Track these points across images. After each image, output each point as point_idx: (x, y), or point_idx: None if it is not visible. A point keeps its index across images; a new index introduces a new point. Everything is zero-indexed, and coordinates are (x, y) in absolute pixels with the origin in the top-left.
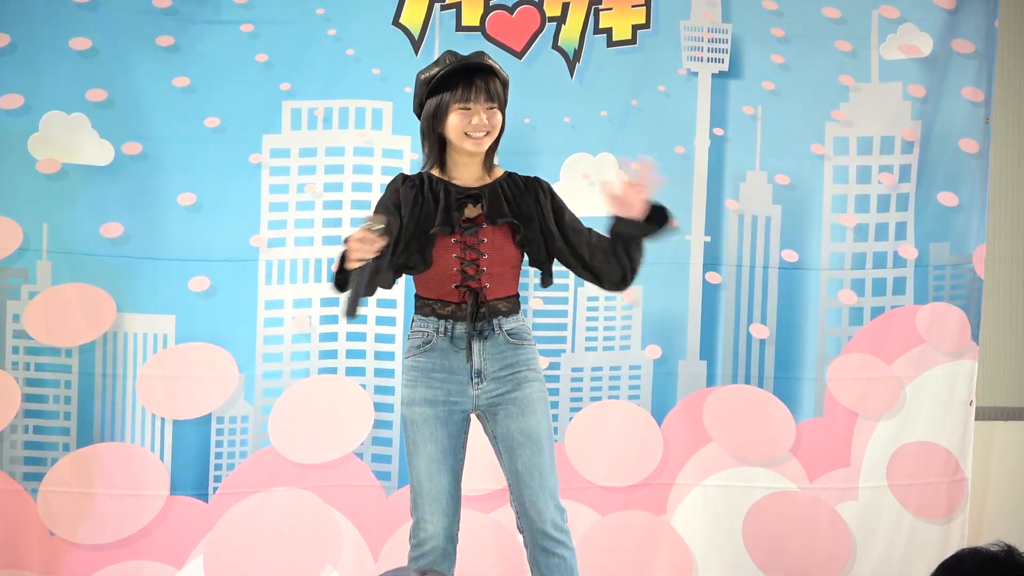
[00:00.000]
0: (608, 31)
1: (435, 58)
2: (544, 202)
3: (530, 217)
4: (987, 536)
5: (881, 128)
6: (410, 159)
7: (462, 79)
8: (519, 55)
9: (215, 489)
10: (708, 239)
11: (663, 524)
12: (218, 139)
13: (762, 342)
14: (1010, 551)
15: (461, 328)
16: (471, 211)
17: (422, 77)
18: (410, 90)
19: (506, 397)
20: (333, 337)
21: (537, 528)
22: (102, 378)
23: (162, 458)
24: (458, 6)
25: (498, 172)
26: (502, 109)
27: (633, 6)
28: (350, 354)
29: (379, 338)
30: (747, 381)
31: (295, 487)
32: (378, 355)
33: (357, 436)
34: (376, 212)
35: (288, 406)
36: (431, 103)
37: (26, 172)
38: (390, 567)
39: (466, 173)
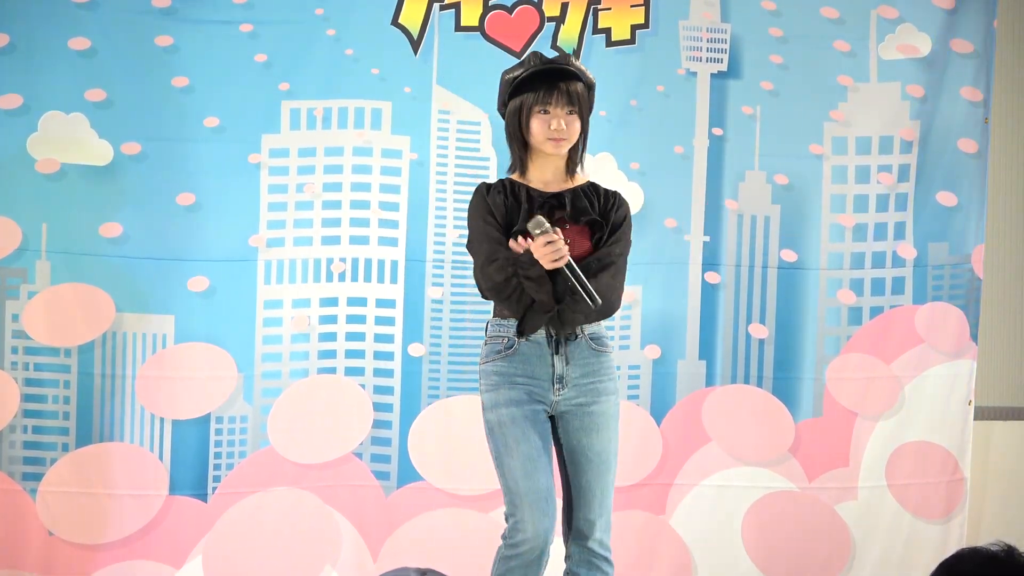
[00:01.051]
0: (607, 31)
1: (434, 58)
2: (611, 214)
3: (604, 221)
4: (986, 536)
5: (880, 128)
6: (409, 159)
7: (544, 82)
8: (518, 55)
9: (214, 489)
10: (707, 239)
11: (662, 524)
12: (217, 139)
13: (761, 342)
14: (1010, 551)
15: (543, 331)
16: (553, 214)
17: (506, 77)
18: (409, 90)
19: (584, 409)
20: (332, 337)
21: (586, 544)
22: (101, 378)
23: (161, 458)
24: (457, 6)
25: (580, 179)
26: (583, 114)
27: (632, 6)
28: (349, 354)
29: (378, 338)
30: (746, 381)
31: (294, 487)
32: (377, 355)
33: (356, 436)
34: (473, 225)
35: (287, 406)
36: (514, 103)
37: (25, 172)
38: (389, 567)
39: (548, 176)
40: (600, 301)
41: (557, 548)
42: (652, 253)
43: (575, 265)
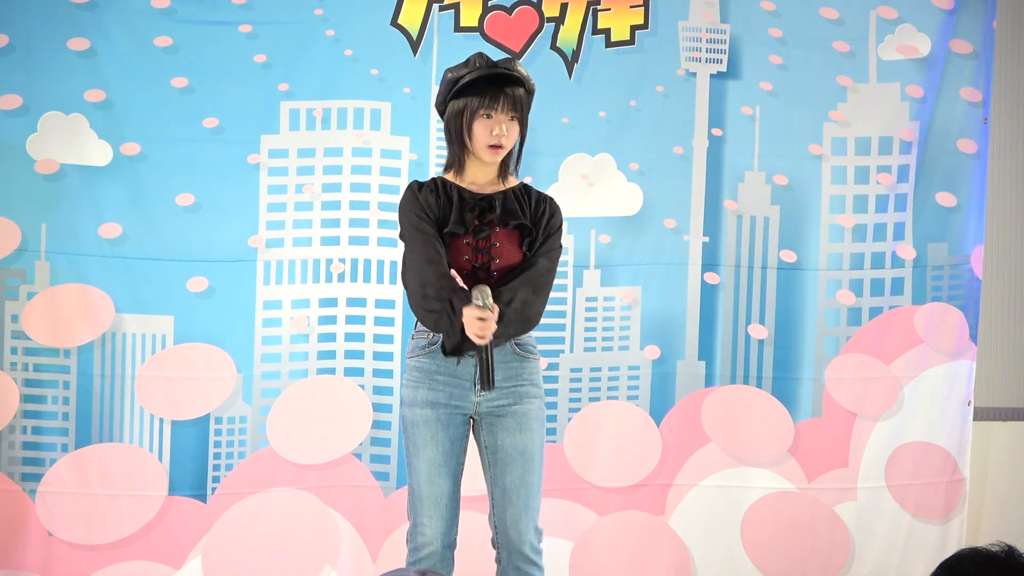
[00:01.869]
0: (606, 32)
1: (434, 58)
2: (542, 221)
3: (534, 228)
4: (985, 536)
5: (879, 128)
6: (408, 159)
7: (490, 86)
8: (517, 56)
9: (213, 489)
10: (707, 239)
11: (661, 524)
12: (216, 139)
13: (760, 342)
14: (1010, 551)
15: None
16: (484, 216)
17: (449, 76)
18: (409, 91)
19: (506, 409)
20: (331, 337)
21: (515, 548)
22: (100, 379)
23: (160, 458)
24: (456, 6)
25: (512, 181)
26: (523, 120)
27: (631, 7)
28: (348, 354)
29: (377, 338)
30: (745, 381)
31: (293, 487)
32: (376, 356)
33: (356, 436)
34: (405, 222)
35: (287, 406)
36: (456, 104)
37: (24, 172)
38: (388, 567)
39: (482, 178)
40: (492, 389)
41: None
42: (651, 254)
43: (492, 350)
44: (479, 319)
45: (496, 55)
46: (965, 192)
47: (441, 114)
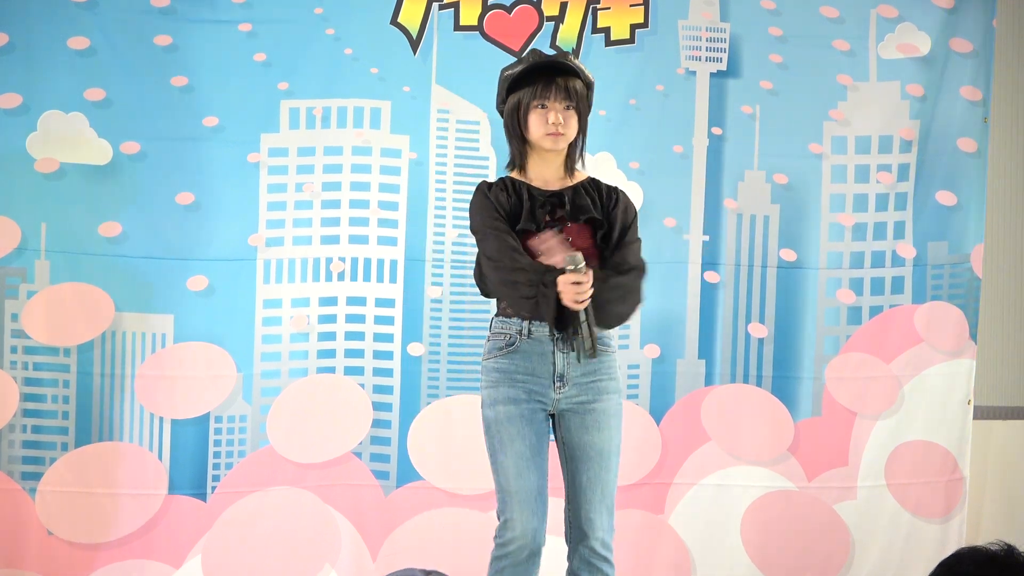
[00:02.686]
0: (606, 30)
1: (433, 57)
2: (616, 213)
3: (606, 221)
4: (985, 535)
5: (879, 127)
6: (408, 158)
7: (542, 78)
8: (517, 55)
9: (213, 488)
10: (707, 238)
11: (661, 523)
12: (216, 138)
13: (760, 341)
14: (1010, 550)
15: (545, 329)
16: (554, 212)
17: (505, 74)
18: (409, 90)
19: (585, 406)
20: (331, 336)
21: (588, 544)
22: (100, 378)
23: (160, 457)
24: (456, 5)
25: (580, 176)
26: (581, 111)
27: (631, 5)
28: (348, 353)
29: (377, 337)
30: (745, 380)
31: (293, 486)
32: (376, 354)
33: (356, 435)
34: (480, 226)
35: (286, 405)
36: (512, 100)
37: (24, 171)
38: (388, 567)
39: (548, 173)
40: (595, 356)
41: (556, 554)
42: (651, 252)
43: (591, 314)
44: (574, 283)
45: (495, 54)
46: (965, 191)
47: (501, 114)
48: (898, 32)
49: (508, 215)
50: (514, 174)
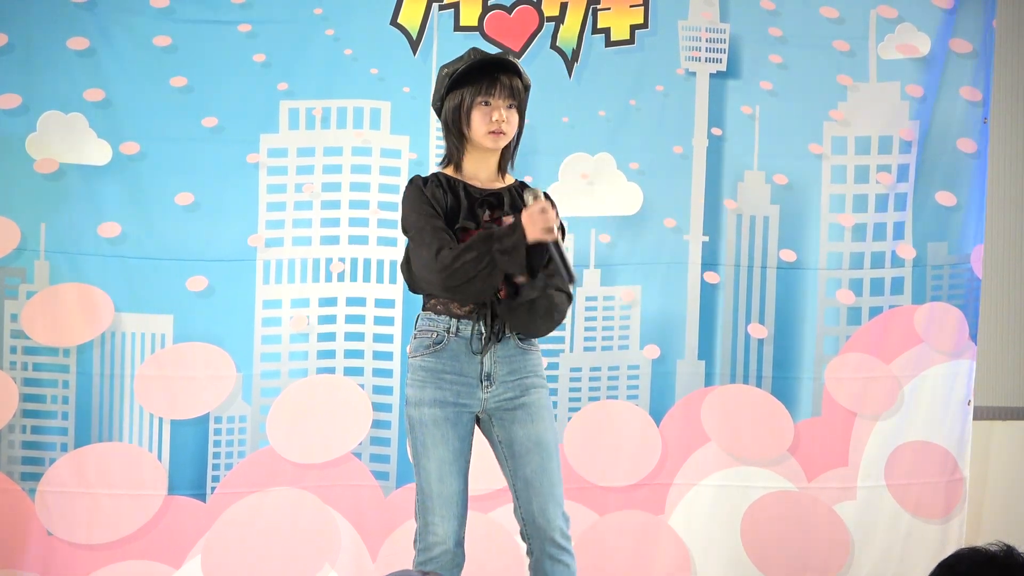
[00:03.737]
0: (606, 31)
1: (433, 58)
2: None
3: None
4: (985, 536)
5: (879, 128)
6: (408, 159)
7: (485, 75)
8: (517, 55)
9: (213, 489)
10: (706, 239)
11: (661, 524)
12: (216, 139)
13: (760, 342)
14: (1009, 551)
15: (472, 328)
16: (494, 212)
17: (445, 71)
18: (408, 90)
19: (514, 402)
20: (331, 337)
21: (546, 536)
22: (100, 378)
23: (160, 458)
24: (456, 6)
25: (510, 179)
26: (521, 111)
27: (631, 6)
28: (348, 354)
29: (377, 338)
30: (745, 381)
31: (293, 487)
32: (376, 355)
33: (355, 436)
34: (412, 218)
35: (286, 406)
36: (454, 97)
37: (24, 172)
38: (388, 567)
39: (483, 174)
40: (575, 277)
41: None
42: (651, 253)
43: (560, 244)
44: (541, 212)
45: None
46: (965, 191)
47: (438, 112)
48: (898, 32)
49: (445, 213)
50: (448, 171)
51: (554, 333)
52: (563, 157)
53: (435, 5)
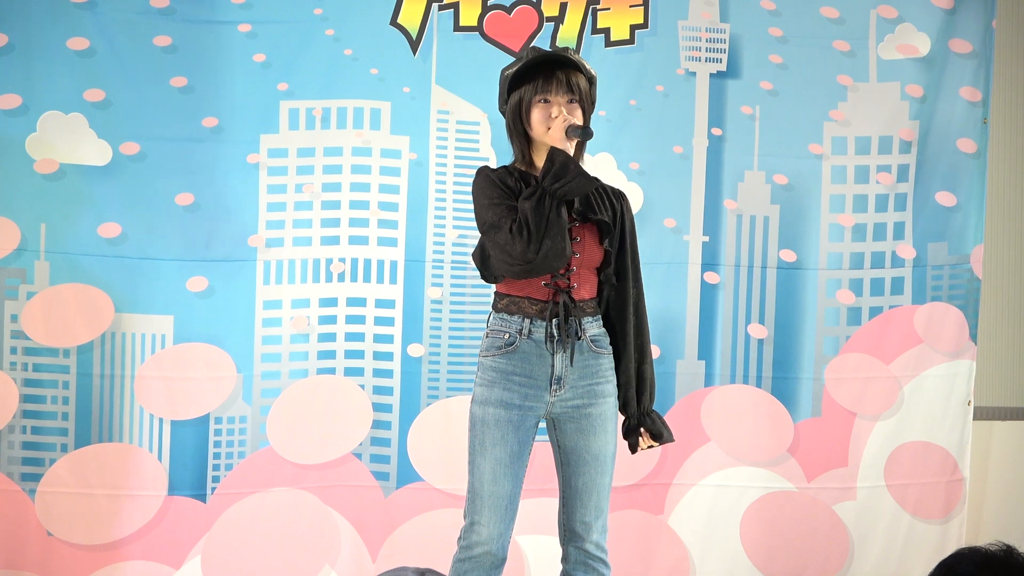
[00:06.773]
0: (606, 31)
1: (433, 58)
2: (624, 218)
3: (613, 224)
4: (985, 536)
5: (879, 128)
6: (408, 159)
7: (542, 73)
8: (517, 55)
9: (213, 489)
10: (706, 239)
11: (661, 524)
12: (216, 139)
13: (760, 342)
14: (1009, 551)
15: (545, 328)
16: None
17: (505, 74)
18: (408, 90)
19: (580, 411)
20: (331, 337)
21: (581, 545)
22: (100, 378)
23: (160, 458)
24: (456, 6)
25: None
26: (585, 105)
27: (631, 6)
28: (348, 354)
29: (377, 338)
30: (745, 381)
31: (293, 487)
32: (376, 355)
33: (355, 436)
34: (484, 202)
35: (286, 406)
36: (513, 98)
37: (24, 172)
38: (388, 567)
39: None
40: (592, 133)
41: (553, 555)
42: (651, 253)
43: (579, 127)
44: (557, 120)
45: (495, 54)
46: (965, 192)
47: (504, 115)
48: (898, 33)
49: (515, 197)
50: (519, 166)
51: None
52: None
53: (435, 5)
